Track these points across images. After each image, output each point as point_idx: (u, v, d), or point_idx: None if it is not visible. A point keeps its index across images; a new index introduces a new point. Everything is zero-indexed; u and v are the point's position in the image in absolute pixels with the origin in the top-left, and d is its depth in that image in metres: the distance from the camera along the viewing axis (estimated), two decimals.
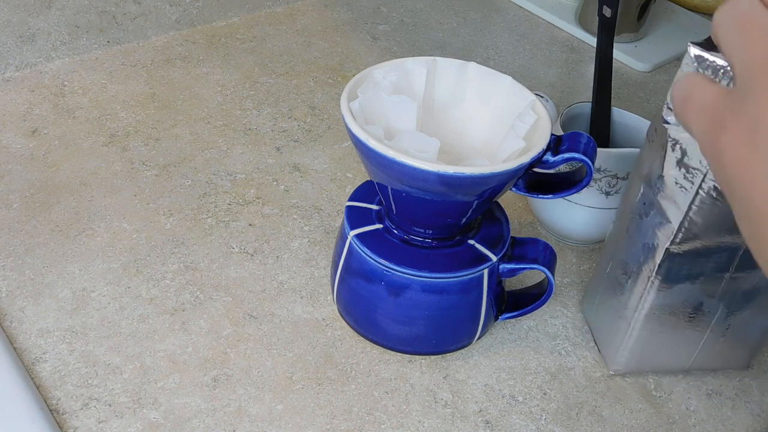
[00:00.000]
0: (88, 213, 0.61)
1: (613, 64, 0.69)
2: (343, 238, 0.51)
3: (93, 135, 0.69)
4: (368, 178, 0.52)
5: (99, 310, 0.54)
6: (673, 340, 0.51)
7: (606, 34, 0.61)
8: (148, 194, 0.64)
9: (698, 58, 0.39)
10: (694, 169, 0.42)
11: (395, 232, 0.50)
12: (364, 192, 0.53)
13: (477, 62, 0.50)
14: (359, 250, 0.49)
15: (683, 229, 0.44)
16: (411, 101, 0.46)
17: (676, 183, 0.43)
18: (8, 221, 0.59)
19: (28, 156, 0.66)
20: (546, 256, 0.51)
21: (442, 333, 0.51)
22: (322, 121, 0.74)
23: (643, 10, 0.90)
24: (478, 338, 0.54)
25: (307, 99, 0.77)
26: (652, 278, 0.47)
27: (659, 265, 0.46)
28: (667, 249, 0.45)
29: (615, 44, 0.73)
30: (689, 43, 0.40)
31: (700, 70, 0.39)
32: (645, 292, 0.48)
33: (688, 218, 0.44)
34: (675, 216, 0.44)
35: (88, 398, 0.48)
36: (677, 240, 0.45)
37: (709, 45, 0.39)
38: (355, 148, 0.45)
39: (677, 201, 0.44)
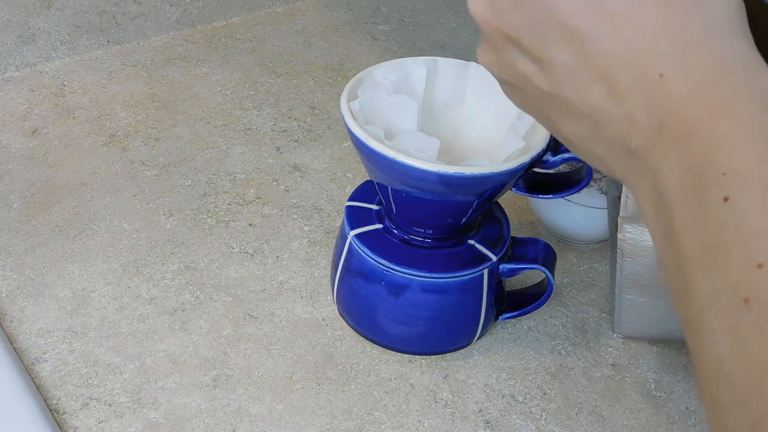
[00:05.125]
0: (88, 213, 0.61)
1: None
2: (343, 238, 0.51)
3: (93, 135, 0.69)
4: (368, 178, 0.52)
5: (99, 310, 0.54)
6: (662, 309, 0.53)
7: None
8: (148, 194, 0.64)
9: None
10: None
11: (395, 232, 0.50)
12: (364, 192, 0.53)
13: (477, 62, 0.49)
14: (359, 250, 0.49)
15: (628, 200, 0.46)
16: (411, 101, 0.46)
17: None
18: (8, 221, 0.59)
19: (28, 156, 0.66)
20: (546, 256, 0.51)
21: (442, 333, 0.51)
22: (322, 121, 0.74)
23: None
24: (478, 338, 0.54)
25: (307, 99, 0.77)
26: (618, 247, 0.50)
27: (618, 236, 0.49)
28: (619, 220, 0.48)
29: None
30: None
31: None
32: (619, 261, 0.51)
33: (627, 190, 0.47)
34: (620, 186, 0.47)
35: (88, 398, 0.48)
36: (626, 211, 0.47)
37: None
38: (355, 148, 0.45)
39: None
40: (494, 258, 0.49)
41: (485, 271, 0.49)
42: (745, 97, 0.24)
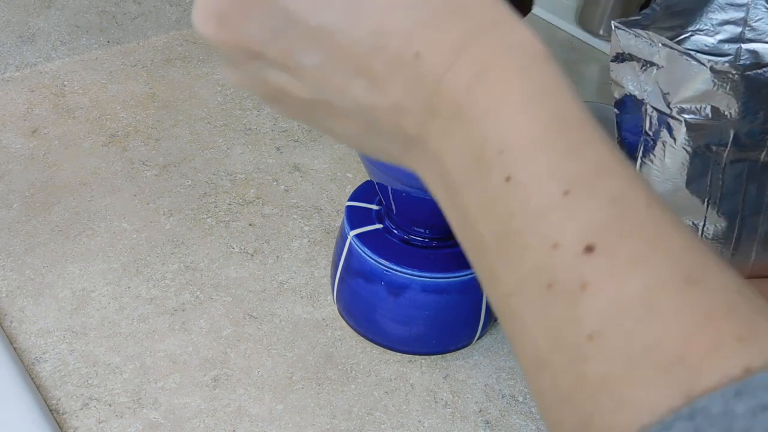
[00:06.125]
0: (88, 213, 0.61)
1: None
2: (343, 238, 0.51)
3: (93, 135, 0.69)
4: (368, 178, 0.52)
5: (99, 310, 0.54)
6: None
7: None
8: (148, 194, 0.64)
9: None
10: None
11: (395, 232, 0.50)
12: (364, 192, 0.53)
13: None
14: (359, 250, 0.49)
15: None
16: None
17: None
18: (8, 221, 0.59)
19: (28, 156, 0.66)
20: None
21: (442, 333, 0.51)
22: None
23: (643, 9, 0.90)
24: (478, 338, 0.54)
25: None
26: None
27: None
28: None
29: None
30: None
31: None
32: None
33: None
34: None
35: (88, 398, 0.48)
36: None
37: None
38: None
39: None
40: None
41: None
42: (504, 57, 0.23)
